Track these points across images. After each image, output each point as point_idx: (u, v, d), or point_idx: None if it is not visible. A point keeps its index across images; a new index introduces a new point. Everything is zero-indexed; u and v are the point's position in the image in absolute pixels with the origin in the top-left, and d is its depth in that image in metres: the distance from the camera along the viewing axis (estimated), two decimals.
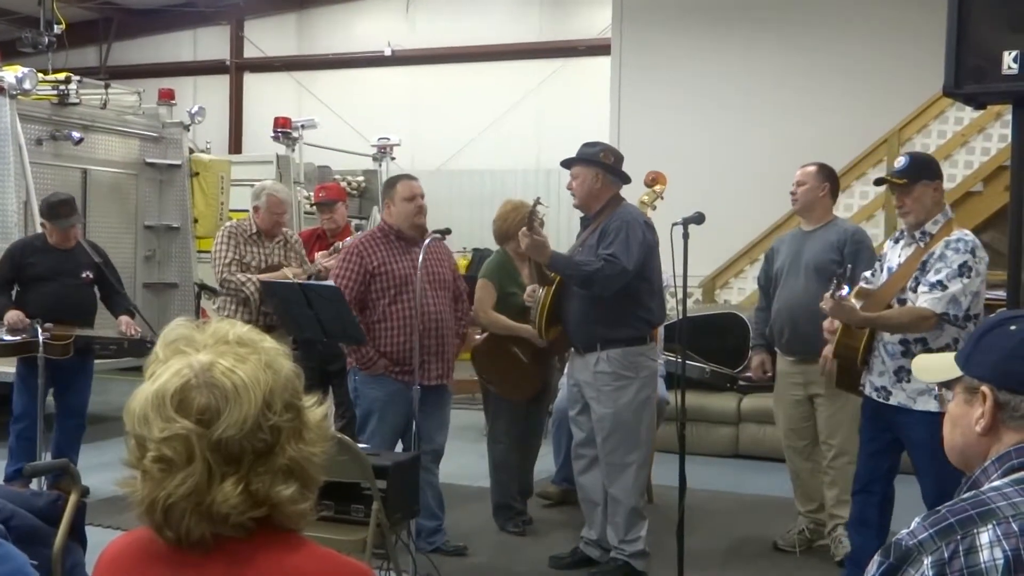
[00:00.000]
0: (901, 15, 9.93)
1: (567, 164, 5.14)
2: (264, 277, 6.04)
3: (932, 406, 4.16)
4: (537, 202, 4.89)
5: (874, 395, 4.41)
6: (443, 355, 5.27)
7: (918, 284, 4.24)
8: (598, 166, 5.03)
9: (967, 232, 4.29)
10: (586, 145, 5.16)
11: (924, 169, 4.38)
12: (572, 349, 5.27)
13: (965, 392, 1.72)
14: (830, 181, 5.39)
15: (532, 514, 6.05)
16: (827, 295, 4.22)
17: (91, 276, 6.29)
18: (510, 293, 5.74)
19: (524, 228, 4.80)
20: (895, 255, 4.48)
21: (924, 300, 4.17)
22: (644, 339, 5.02)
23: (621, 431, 4.95)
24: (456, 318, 5.41)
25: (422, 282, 5.09)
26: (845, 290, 4.16)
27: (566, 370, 5.91)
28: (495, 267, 5.91)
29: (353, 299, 5.07)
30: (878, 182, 4.82)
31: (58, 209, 6.16)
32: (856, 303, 4.29)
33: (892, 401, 4.32)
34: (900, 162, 4.46)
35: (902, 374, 4.28)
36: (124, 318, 6.34)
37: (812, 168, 5.38)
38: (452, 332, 5.35)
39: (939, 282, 4.16)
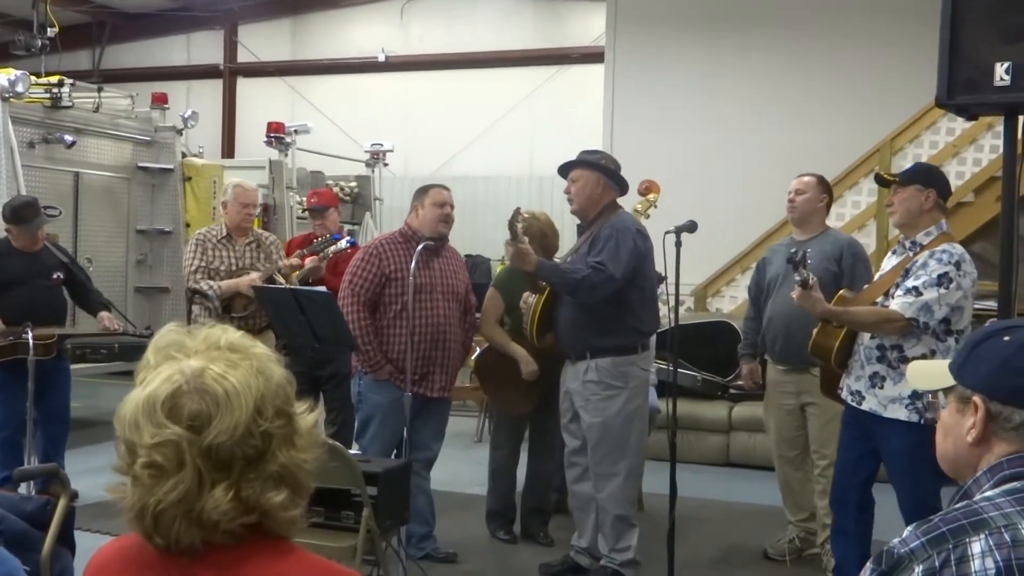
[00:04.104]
0: (894, 26, 9.96)
1: (567, 167, 5.05)
2: (226, 284, 6.00)
3: (901, 415, 4.19)
4: (517, 212, 4.86)
5: (849, 398, 4.42)
6: (447, 367, 5.25)
7: (898, 289, 4.26)
8: (601, 170, 4.99)
9: (956, 246, 4.28)
10: (586, 152, 5.11)
11: (921, 175, 4.43)
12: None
13: (958, 401, 1.72)
14: (828, 193, 5.46)
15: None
16: (795, 285, 4.23)
17: (61, 277, 6.27)
18: (518, 305, 5.64)
19: (507, 239, 4.79)
20: (888, 265, 4.50)
21: (896, 303, 4.19)
22: (635, 348, 4.96)
23: (609, 441, 4.92)
24: (463, 330, 5.40)
25: (434, 292, 5.08)
26: (810, 276, 4.15)
27: None
28: (505, 277, 5.83)
29: (365, 300, 5.06)
30: (877, 179, 4.89)
31: (23, 212, 6.12)
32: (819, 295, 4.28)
33: (864, 406, 4.33)
34: (907, 167, 4.55)
35: (876, 380, 4.29)
36: (104, 313, 6.30)
37: (812, 179, 5.40)
38: (459, 344, 5.33)
39: (914, 288, 4.17)
